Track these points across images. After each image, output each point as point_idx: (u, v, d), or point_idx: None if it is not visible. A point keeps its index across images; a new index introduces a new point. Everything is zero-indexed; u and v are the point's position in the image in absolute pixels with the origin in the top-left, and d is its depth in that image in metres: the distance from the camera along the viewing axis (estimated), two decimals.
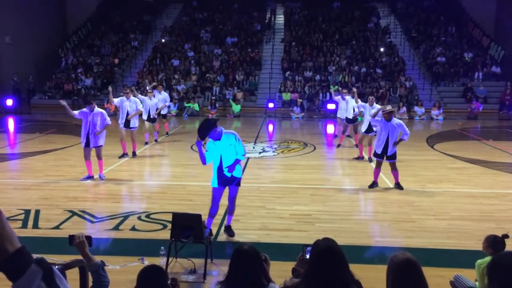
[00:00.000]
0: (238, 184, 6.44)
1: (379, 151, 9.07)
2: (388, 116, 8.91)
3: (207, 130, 5.97)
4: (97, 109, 9.44)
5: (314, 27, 28.92)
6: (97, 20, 29.94)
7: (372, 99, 11.48)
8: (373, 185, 9.18)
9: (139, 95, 12.97)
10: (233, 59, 26.17)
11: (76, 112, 9.40)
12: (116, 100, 11.95)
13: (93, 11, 30.11)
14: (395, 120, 9.02)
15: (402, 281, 2.49)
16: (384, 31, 28.45)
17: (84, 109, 9.41)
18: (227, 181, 6.30)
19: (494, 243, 4.61)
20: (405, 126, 9.00)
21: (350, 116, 12.93)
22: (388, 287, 2.56)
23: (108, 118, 9.52)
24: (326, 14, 30.01)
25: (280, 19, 30.53)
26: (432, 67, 25.35)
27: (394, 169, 9.06)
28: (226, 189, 6.46)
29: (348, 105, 13.08)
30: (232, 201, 6.48)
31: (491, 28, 27.83)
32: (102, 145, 9.50)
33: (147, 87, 13.96)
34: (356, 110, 12.43)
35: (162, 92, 15.20)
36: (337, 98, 14.02)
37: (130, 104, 11.64)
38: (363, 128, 11.47)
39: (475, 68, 25.03)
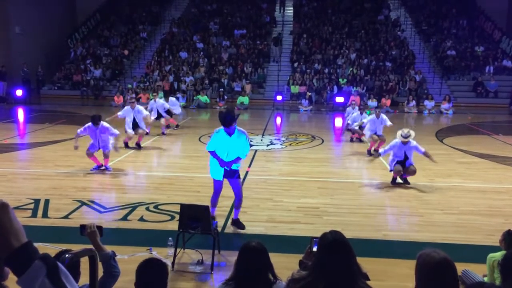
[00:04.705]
0: (238, 177, 6.48)
1: (392, 167, 8.90)
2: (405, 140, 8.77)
3: (232, 118, 6.02)
4: (102, 124, 9.39)
5: (324, 19, 28.71)
6: (106, 10, 29.95)
7: (378, 111, 11.70)
8: (394, 181, 9.01)
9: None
10: (241, 51, 26.09)
11: (80, 129, 9.46)
12: (120, 114, 11.96)
13: (102, 1, 30.11)
14: (412, 142, 8.89)
15: (436, 283, 2.30)
16: (394, 24, 28.19)
17: (89, 124, 9.37)
18: (227, 173, 6.36)
19: (508, 236, 4.59)
20: (419, 146, 8.93)
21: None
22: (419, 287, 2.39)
23: (115, 131, 9.54)
24: (336, 6, 29.77)
25: (290, 10, 30.34)
26: (442, 60, 25.09)
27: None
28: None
29: (350, 116, 13.42)
30: (238, 194, 6.49)
31: (503, 21, 27.43)
32: (110, 149, 9.57)
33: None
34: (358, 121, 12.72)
35: (170, 98, 15.12)
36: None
37: (135, 113, 11.75)
38: (367, 134, 11.70)
39: (486, 62, 24.73)
